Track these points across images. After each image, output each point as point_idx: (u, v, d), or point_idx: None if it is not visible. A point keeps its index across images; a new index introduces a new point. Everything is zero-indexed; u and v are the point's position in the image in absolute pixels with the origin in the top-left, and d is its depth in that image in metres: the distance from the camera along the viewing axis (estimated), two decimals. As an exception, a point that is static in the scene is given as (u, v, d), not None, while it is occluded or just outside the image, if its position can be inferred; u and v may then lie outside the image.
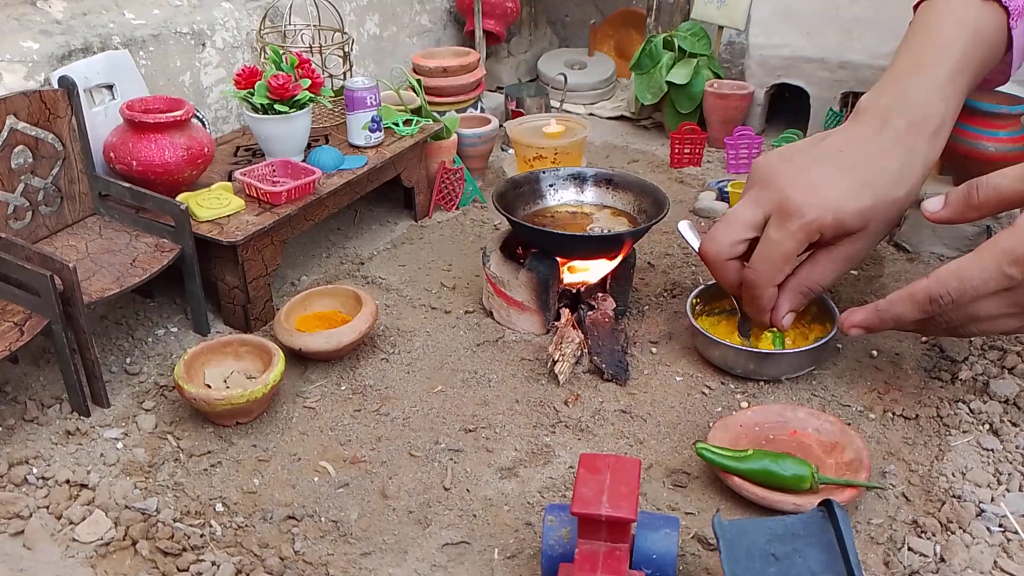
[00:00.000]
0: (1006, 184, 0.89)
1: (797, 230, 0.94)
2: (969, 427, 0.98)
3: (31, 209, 1.10)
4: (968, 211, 0.92)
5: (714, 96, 1.73)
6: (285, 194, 1.19)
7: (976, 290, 0.87)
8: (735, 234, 0.99)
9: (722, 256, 1.00)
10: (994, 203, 0.90)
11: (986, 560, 0.81)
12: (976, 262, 0.87)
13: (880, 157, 0.96)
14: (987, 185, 0.90)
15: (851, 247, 0.97)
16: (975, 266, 0.87)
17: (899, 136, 0.96)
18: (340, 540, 0.86)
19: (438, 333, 1.18)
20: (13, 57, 1.16)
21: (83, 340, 0.99)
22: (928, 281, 0.90)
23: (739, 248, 1.00)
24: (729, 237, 0.99)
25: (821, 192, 0.94)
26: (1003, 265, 0.85)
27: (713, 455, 0.88)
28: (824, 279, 0.99)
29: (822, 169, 0.96)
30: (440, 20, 2.00)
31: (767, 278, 0.98)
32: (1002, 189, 0.89)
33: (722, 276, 1.03)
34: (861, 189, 0.94)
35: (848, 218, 0.94)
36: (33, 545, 0.85)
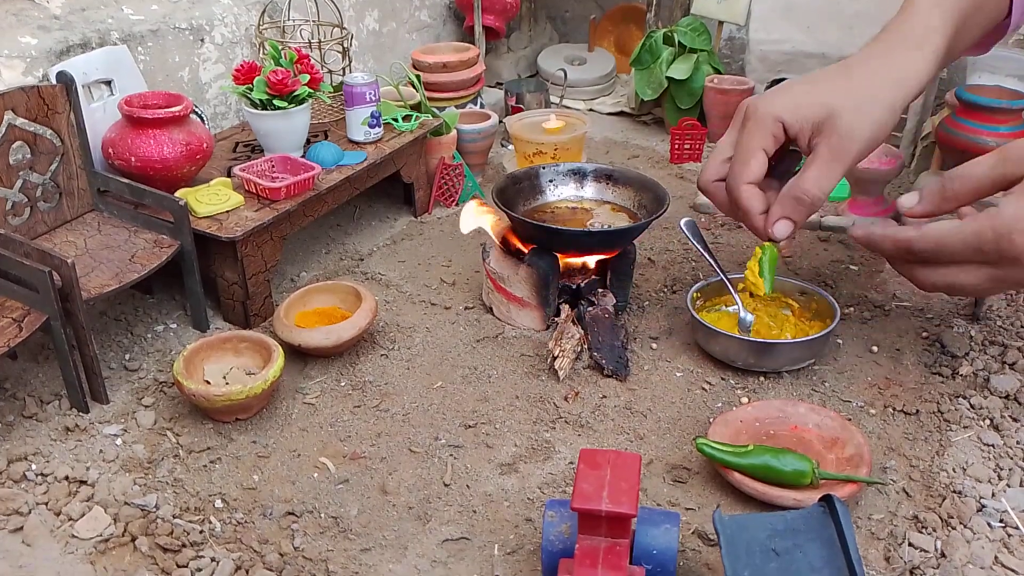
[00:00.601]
0: (978, 173, 0.90)
1: (754, 125, 0.98)
2: (970, 422, 0.98)
3: (30, 205, 1.10)
4: (944, 203, 0.93)
5: (714, 91, 1.73)
6: (284, 190, 1.19)
7: (951, 258, 0.90)
8: (717, 157, 1.04)
9: (709, 179, 1.04)
10: (968, 193, 0.91)
11: (987, 555, 0.81)
12: (957, 234, 0.89)
13: (841, 67, 0.99)
14: (960, 175, 0.91)
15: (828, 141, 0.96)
16: (956, 238, 0.89)
17: (869, 51, 1.00)
18: (340, 536, 0.86)
19: (438, 329, 1.18)
20: (11, 53, 1.16)
21: (82, 336, 0.99)
22: (914, 233, 0.92)
23: (723, 169, 1.03)
24: (712, 162, 1.04)
25: (779, 93, 1.00)
26: (982, 243, 0.87)
27: (713, 450, 0.88)
28: (814, 180, 0.97)
29: (784, 83, 1.02)
30: (440, 16, 2.00)
31: (737, 177, 1.00)
32: (974, 178, 0.90)
33: (713, 200, 1.05)
34: (821, 82, 0.98)
35: (805, 106, 0.96)
36: (32, 542, 0.85)
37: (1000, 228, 0.84)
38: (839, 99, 0.96)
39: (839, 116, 0.95)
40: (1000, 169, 0.88)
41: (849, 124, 0.95)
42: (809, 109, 0.96)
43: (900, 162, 1.36)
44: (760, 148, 0.99)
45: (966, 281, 0.91)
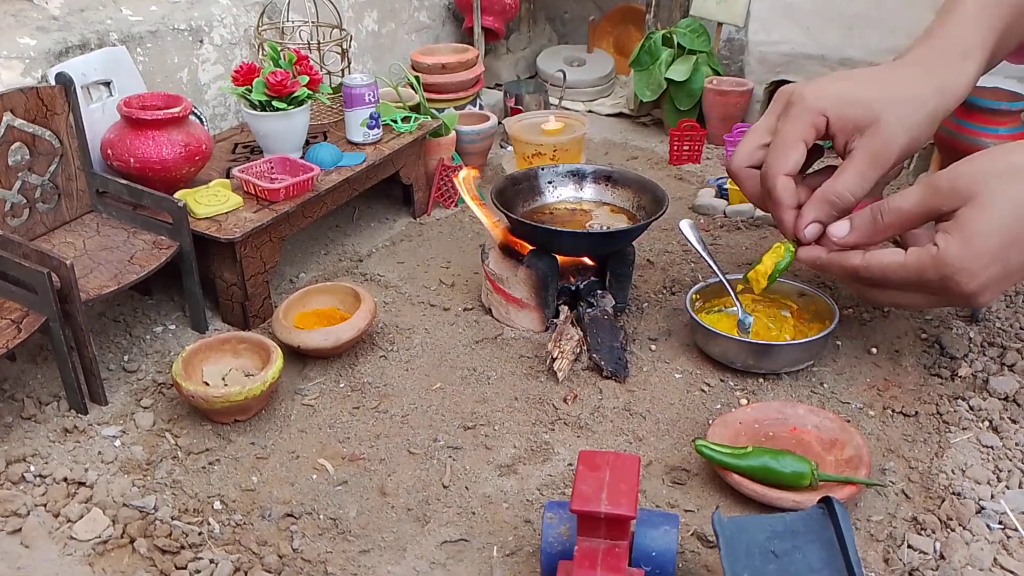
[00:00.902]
0: (908, 206, 0.91)
1: (798, 114, 0.96)
2: (969, 424, 0.98)
3: (28, 206, 1.10)
4: (875, 235, 0.94)
5: (713, 93, 1.73)
6: (283, 191, 1.19)
7: (896, 285, 0.93)
8: (751, 142, 1.01)
9: (741, 164, 1.02)
10: (898, 225, 0.93)
11: (986, 557, 0.81)
12: (901, 270, 0.91)
13: (890, 69, 0.98)
14: (890, 209, 0.92)
15: (868, 145, 0.95)
16: (899, 274, 0.91)
17: (918, 56, 0.98)
18: (339, 538, 0.86)
19: (437, 330, 1.18)
20: (10, 53, 1.16)
21: (81, 338, 0.99)
22: (859, 263, 0.94)
23: (757, 155, 1.01)
24: (746, 147, 1.02)
25: (825, 85, 0.98)
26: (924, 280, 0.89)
27: (712, 452, 0.88)
28: (849, 184, 0.96)
29: (830, 75, 1.00)
30: (439, 17, 2.00)
31: (775, 166, 0.98)
32: (904, 212, 0.91)
33: (744, 186, 1.04)
34: (868, 82, 0.96)
35: (851, 104, 0.95)
36: (31, 543, 0.84)
37: (943, 270, 0.86)
38: (884, 104, 0.94)
39: (883, 121, 0.94)
40: (930, 202, 0.89)
41: (892, 131, 0.94)
42: (854, 108, 0.95)
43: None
44: (802, 139, 0.97)
45: (911, 302, 0.94)
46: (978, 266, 0.86)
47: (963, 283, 0.86)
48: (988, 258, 0.85)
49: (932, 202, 0.89)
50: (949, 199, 0.88)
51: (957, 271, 0.86)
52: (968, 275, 0.86)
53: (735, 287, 1.13)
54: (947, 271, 0.86)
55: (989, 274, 0.86)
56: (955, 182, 0.88)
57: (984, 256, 0.85)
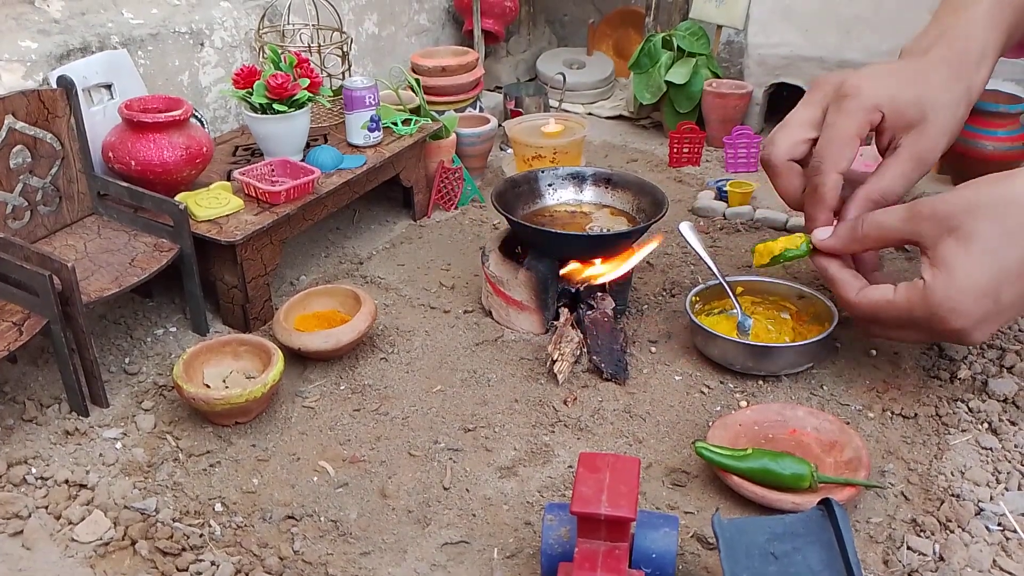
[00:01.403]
0: (888, 224, 0.91)
1: (856, 109, 0.93)
2: (968, 426, 0.98)
3: (30, 209, 1.10)
4: (852, 243, 0.95)
5: (713, 95, 1.73)
6: (284, 193, 1.19)
7: (886, 324, 0.95)
8: (793, 135, 0.97)
9: (782, 157, 0.98)
10: (876, 240, 0.93)
11: (985, 559, 0.81)
12: (891, 309, 0.92)
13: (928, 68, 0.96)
14: (872, 222, 0.93)
15: (916, 144, 0.94)
16: (889, 312, 0.92)
17: (944, 57, 0.97)
18: (339, 540, 0.86)
19: (437, 332, 1.18)
20: (11, 56, 1.16)
21: (82, 340, 0.99)
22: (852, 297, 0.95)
23: (800, 149, 0.98)
24: (788, 138, 0.97)
25: (877, 78, 0.95)
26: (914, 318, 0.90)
27: (712, 454, 0.88)
28: (894, 183, 0.95)
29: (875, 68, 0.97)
30: (439, 19, 2.00)
31: (831, 162, 0.95)
32: (884, 228, 0.92)
33: (782, 181, 1.00)
34: (914, 78, 0.95)
35: (904, 101, 0.93)
36: (32, 545, 0.85)
37: (932, 308, 0.87)
38: (930, 104, 0.94)
39: (930, 121, 0.93)
40: (909, 226, 0.90)
41: (938, 131, 0.94)
42: (906, 105, 0.94)
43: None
44: (858, 136, 0.95)
45: (907, 338, 0.96)
46: (966, 303, 0.85)
47: (952, 321, 0.86)
48: (976, 294, 0.85)
49: (912, 227, 0.89)
50: (929, 227, 0.87)
51: (945, 309, 0.86)
52: (956, 314, 0.86)
53: (735, 289, 1.13)
54: (935, 308, 0.87)
55: (980, 311, 0.85)
56: (936, 210, 0.87)
57: (971, 293, 0.85)
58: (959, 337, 0.89)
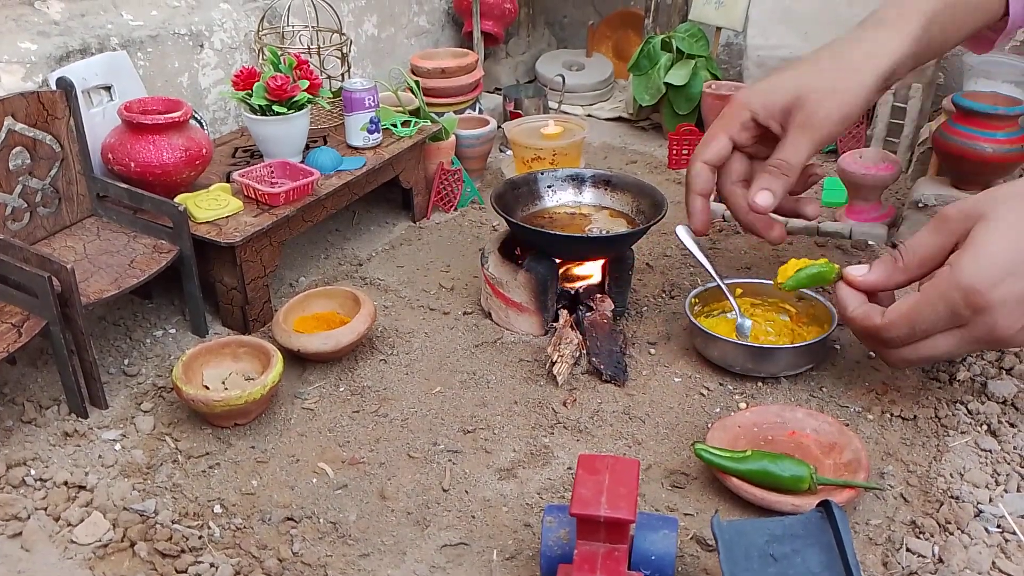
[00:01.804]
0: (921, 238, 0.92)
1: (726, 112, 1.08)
2: (967, 428, 0.98)
3: (29, 210, 1.10)
4: (895, 274, 0.95)
5: (712, 97, 1.73)
6: (283, 195, 1.19)
7: (926, 332, 0.91)
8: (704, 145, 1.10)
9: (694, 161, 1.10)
10: (918, 263, 0.93)
11: (984, 561, 0.81)
12: (925, 306, 0.89)
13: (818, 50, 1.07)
14: (906, 247, 0.94)
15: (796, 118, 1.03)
16: (926, 310, 0.89)
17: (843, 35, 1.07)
18: (339, 541, 0.86)
19: (436, 334, 1.18)
20: (11, 58, 1.16)
21: (81, 341, 0.99)
22: (881, 321, 0.93)
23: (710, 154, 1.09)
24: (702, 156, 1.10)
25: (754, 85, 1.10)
26: (952, 306, 0.87)
27: (712, 456, 0.88)
28: (786, 152, 1.03)
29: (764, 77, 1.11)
30: (438, 21, 2.00)
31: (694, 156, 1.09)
32: (919, 244, 0.92)
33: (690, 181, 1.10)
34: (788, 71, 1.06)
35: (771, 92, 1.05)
36: (31, 547, 0.85)
37: (962, 283, 0.85)
38: (805, 82, 1.04)
39: (805, 97, 1.02)
40: (941, 230, 0.90)
41: (815, 101, 1.02)
42: (776, 95, 1.05)
43: (897, 168, 1.36)
44: (723, 132, 1.07)
45: (943, 350, 0.91)
46: (995, 271, 0.84)
47: (985, 292, 0.84)
48: (1005, 263, 0.84)
49: (943, 229, 0.90)
50: (959, 223, 0.88)
51: (975, 278, 0.84)
52: (987, 282, 0.84)
53: (733, 291, 1.13)
54: (965, 280, 0.85)
55: (1011, 287, 0.84)
56: (962, 207, 0.89)
57: (1000, 261, 0.84)
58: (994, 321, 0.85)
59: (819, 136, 1.03)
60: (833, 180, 1.53)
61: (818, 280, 1.03)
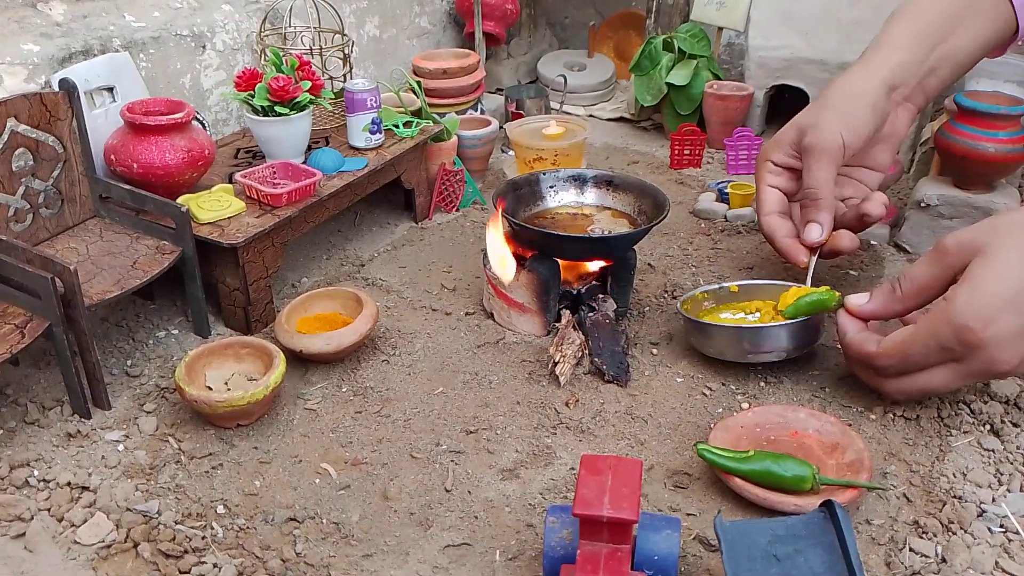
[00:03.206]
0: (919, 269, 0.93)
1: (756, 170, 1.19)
2: (970, 428, 0.98)
3: (32, 211, 1.10)
4: (892, 303, 0.96)
5: (714, 97, 1.74)
6: (286, 196, 1.19)
7: (917, 365, 0.92)
8: None
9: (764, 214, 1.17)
10: (916, 292, 0.94)
11: (987, 560, 0.81)
12: (917, 338, 0.90)
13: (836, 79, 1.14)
14: (905, 277, 0.95)
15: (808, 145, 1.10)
16: (917, 343, 0.91)
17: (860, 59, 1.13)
18: (342, 542, 0.86)
19: (439, 335, 1.18)
20: (14, 59, 1.16)
21: (84, 342, 0.99)
22: (874, 349, 0.95)
23: None
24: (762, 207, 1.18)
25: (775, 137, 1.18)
26: (943, 341, 0.88)
27: (714, 456, 0.89)
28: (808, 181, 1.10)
29: None
30: (440, 22, 2.00)
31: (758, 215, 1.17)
32: (917, 275, 0.93)
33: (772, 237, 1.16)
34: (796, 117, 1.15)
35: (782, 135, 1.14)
36: (34, 547, 0.85)
37: (955, 321, 0.86)
38: (811, 114, 1.11)
39: (811, 124, 1.10)
40: (940, 261, 0.91)
41: (819, 124, 1.09)
42: (785, 136, 1.13)
43: (899, 168, 1.36)
44: (764, 184, 1.16)
45: (937, 384, 0.92)
46: (990, 309, 0.84)
47: (978, 330, 0.85)
48: (1000, 301, 0.84)
49: (942, 261, 0.90)
50: (957, 256, 0.89)
51: (968, 316, 0.85)
52: (981, 320, 0.84)
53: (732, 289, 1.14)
54: (958, 319, 0.85)
55: (1007, 323, 0.84)
56: (961, 238, 0.90)
57: (995, 299, 0.84)
58: (990, 356, 0.86)
59: (829, 153, 1.07)
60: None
61: (818, 307, 1.04)
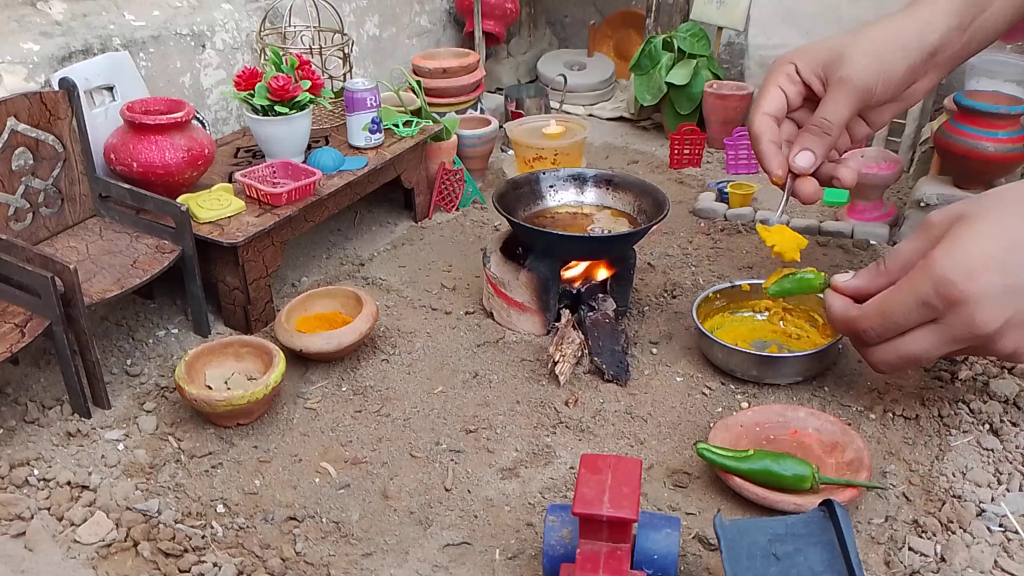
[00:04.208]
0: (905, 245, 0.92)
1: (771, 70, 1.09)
2: (969, 427, 0.98)
3: (32, 211, 1.10)
4: (877, 276, 0.95)
5: (713, 97, 1.74)
6: (285, 195, 1.19)
7: (897, 326, 0.89)
8: None
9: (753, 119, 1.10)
10: (899, 267, 0.93)
11: (986, 560, 0.81)
12: (897, 295, 0.88)
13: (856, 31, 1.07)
14: (891, 253, 0.94)
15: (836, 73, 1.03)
16: (897, 299, 0.88)
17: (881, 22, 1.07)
18: (341, 541, 0.86)
19: (438, 334, 1.18)
20: (14, 59, 1.16)
21: (84, 341, 0.99)
22: (856, 312, 0.93)
23: None
24: None
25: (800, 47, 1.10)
26: (923, 296, 0.86)
27: (714, 455, 0.89)
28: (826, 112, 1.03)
29: None
30: (440, 21, 2.00)
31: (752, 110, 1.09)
32: (903, 249, 0.92)
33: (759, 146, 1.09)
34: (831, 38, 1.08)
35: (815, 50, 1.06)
36: (35, 546, 0.85)
37: (936, 273, 0.84)
38: (848, 42, 1.04)
39: (845, 55, 1.03)
40: (922, 236, 0.90)
41: (854, 58, 1.02)
42: (817, 52, 1.05)
43: (899, 167, 1.36)
44: (774, 85, 1.07)
45: (919, 348, 0.89)
46: (972, 263, 0.82)
47: (958, 282, 0.82)
48: (983, 258, 0.82)
49: (927, 234, 0.89)
50: (942, 227, 0.88)
51: (948, 268, 0.83)
52: (962, 272, 0.82)
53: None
54: (938, 271, 0.83)
55: (987, 280, 0.82)
56: (946, 211, 0.89)
57: (977, 255, 0.82)
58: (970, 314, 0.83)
59: (857, 93, 1.03)
60: (835, 179, 1.52)
61: (803, 287, 1.04)
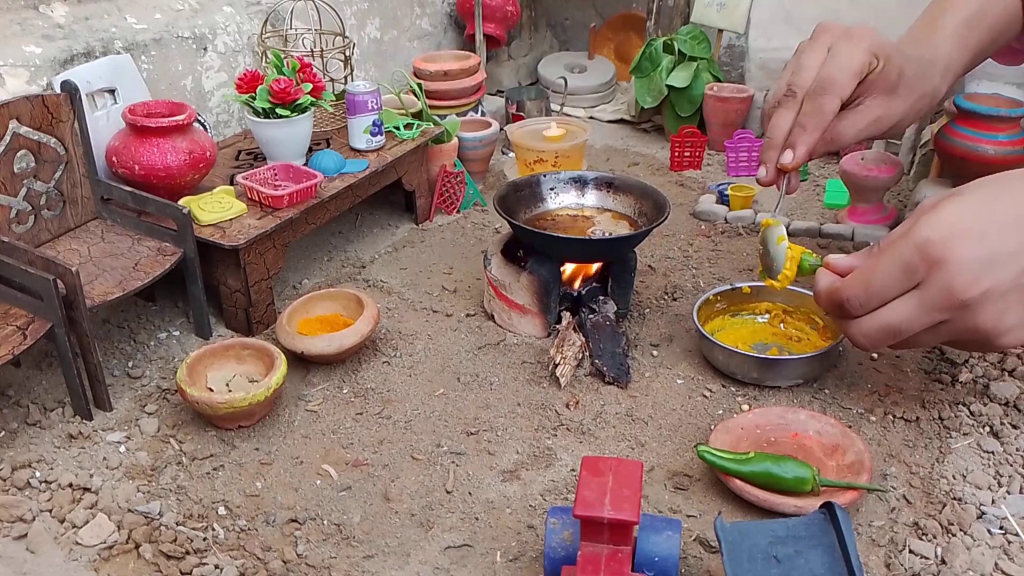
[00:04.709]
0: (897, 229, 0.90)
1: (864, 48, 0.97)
2: (970, 429, 0.98)
3: (34, 213, 1.10)
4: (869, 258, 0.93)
5: (714, 99, 1.74)
6: (287, 198, 1.19)
7: (880, 294, 0.86)
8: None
9: None
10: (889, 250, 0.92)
11: (987, 562, 0.81)
12: (879, 261, 0.86)
13: None
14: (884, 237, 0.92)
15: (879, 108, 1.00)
16: (878, 266, 0.86)
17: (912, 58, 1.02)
18: (343, 543, 0.86)
19: (439, 336, 1.19)
20: (16, 61, 1.16)
21: (85, 344, 0.99)
22: (841, 283, 0.90)
23: None
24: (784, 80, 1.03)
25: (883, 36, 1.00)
26: (905, 260, 0.84)
27: (714, 457, 0.89)
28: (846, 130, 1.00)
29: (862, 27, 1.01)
30: (440, 24, 2.01)
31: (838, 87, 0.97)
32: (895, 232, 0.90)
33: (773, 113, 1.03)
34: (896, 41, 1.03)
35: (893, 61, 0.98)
36: (36, 548, 0.85)
37: (918, 239, 0.82)
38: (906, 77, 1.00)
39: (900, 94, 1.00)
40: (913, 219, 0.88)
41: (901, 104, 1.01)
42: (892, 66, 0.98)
43: (899, 170, 1.36)
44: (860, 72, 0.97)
45: (899, 316, 0.86)
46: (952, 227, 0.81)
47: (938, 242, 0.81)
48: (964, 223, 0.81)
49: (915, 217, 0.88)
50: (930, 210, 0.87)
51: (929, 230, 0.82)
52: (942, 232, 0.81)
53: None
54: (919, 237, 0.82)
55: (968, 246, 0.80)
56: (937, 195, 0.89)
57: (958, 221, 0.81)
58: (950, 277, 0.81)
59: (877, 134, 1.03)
60: (835, 182, 1.53)
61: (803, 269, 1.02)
